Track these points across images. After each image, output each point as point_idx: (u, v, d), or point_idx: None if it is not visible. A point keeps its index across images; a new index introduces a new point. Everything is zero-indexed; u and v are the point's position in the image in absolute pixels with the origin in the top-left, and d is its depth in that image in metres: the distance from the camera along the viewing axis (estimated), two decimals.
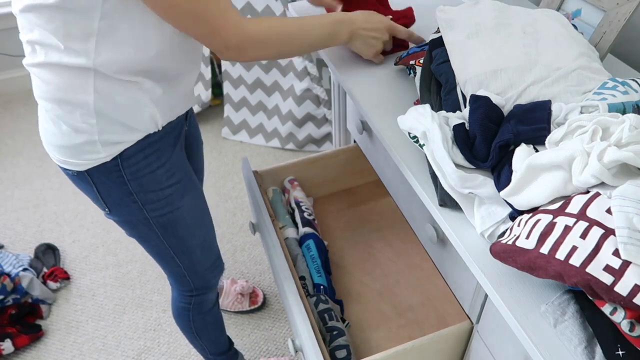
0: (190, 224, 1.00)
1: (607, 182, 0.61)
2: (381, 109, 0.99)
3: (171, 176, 0.93)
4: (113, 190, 0.89)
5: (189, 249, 1.04)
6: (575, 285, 0.56)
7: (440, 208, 0.80)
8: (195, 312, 1.20)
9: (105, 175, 0.87)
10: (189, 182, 0.98)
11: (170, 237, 0.99)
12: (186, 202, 0.97)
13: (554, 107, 0.75)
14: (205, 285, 1.15)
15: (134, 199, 0.91)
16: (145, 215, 0.94)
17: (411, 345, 0.93)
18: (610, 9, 0.93)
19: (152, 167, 0.89)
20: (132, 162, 0.87)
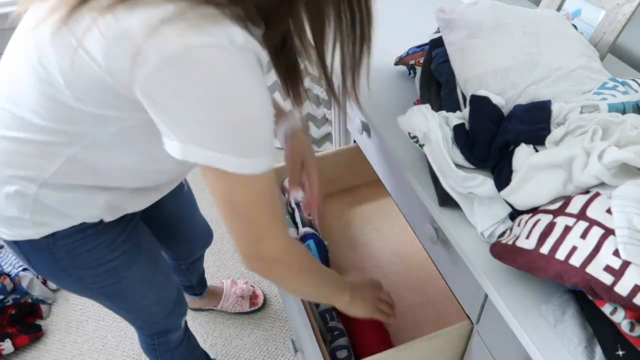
0: (140, 289, 0.92)
1: (607, 182, 0.61)
2: (381, 108, 0.99)
3: (113, 250, 0.82)
4: (45, 265, 0.80)
5: (142, 308, 0.97)
6: (576, 285, 0.56)
7: (441, 208, 0.80)
8: (162, 350, 1.14)
9: (35, 251, 0.77)
10: (136, 250, 0.87)
11: (119, 302, 0.92)
12: (134, 272, 0.87)
13: (554, 107, 0.75)
14: (166, 330, 1.09)
15: (69, 273, 0.81)
16: (85, 286, 0.85)
17: (411, 345, 0.93)
18: (610, 9, 0.93)
19: (89, 246, 0.79)
20: (67, 241, 0.77)
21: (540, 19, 0.89)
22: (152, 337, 1.11)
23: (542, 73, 0.80)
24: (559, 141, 0.69)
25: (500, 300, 0.67)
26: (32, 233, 0.75)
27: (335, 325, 1.06)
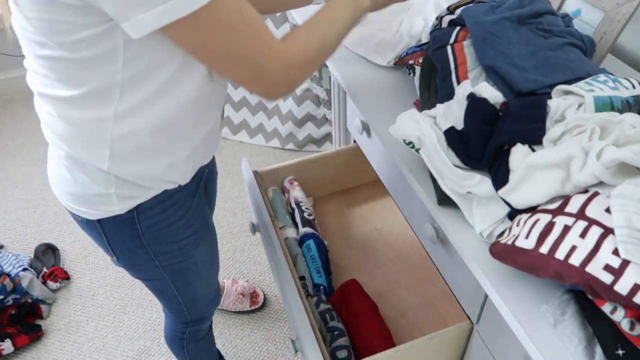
0: (200, 270, 0.98)
1: (606, 182, 0.61)
2: (381, 108, 0.99)
3: (188, 227, 0.89)
4: (125, 242, 0.85)
5: (193, 290, 1.02)
6: (575, 284, 0.56)
7: (441, 208, 0.80)
8: (189, 340, 1.18)
9: (118, 227, 0.82)
10: (205, 231, 0.95)
11: (178, 281, 0.97)
12: (200, 251, 0.95)
13: (552, 103, 0.75)
14: (202, 317, 1.13)
15: (147, 251, 0.87)
16: (156, 265, 0.90)
17: (411, 345, 0.93)
18: (610, 9, 0.93)
19: (170, 220, 0.85)
20: (149, 215, 0.82)
21: None
22: (185, 325, 1.13)
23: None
24: (557, 139, 0.69)
25: (500, 300, 0.67)
26: (118, 208, 0.78)
27: (335, 325, 1.06)
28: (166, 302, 1.06)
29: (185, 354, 1.22)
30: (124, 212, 0.79)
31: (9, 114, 2.58)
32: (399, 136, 0.80)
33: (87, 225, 0.83)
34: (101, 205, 0.78)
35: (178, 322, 1.14)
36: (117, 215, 0.80)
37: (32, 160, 2.30)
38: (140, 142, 0.73)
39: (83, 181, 0.76)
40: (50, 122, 0.74)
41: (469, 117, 0.76)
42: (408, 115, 0.80)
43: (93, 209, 0.79)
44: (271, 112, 2.24)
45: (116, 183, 0.76)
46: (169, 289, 0.99)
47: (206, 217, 0.95)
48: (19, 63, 2.64)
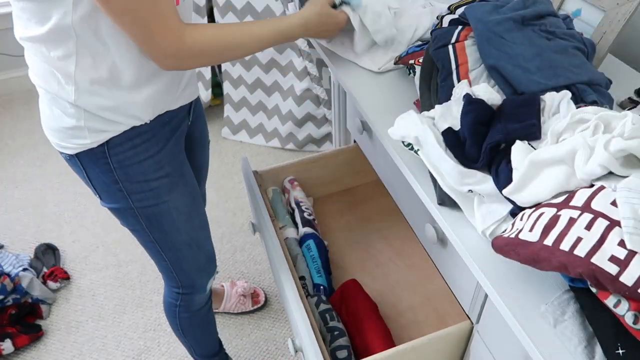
0: (176, 220, 1.00)
1: (615, 171, 0.61)
2: (381, 108, 0.99)
3: (159, 169, 0.93)
4: (100, 177, 0.91)
5: (174, 245, 1.03)
6: (580, 275, 0.56)
7: (441, 208, 0.80)
8: (182, 309, 1.19)
9: (93, 161, 0.88)
10: (179, 178, 0.97)
11: (155, 230, 0.99)
12: (173, 197, 0.97)
13: (546, 97, 0.75)
14: (192, 285, 1.14)
15: (120, 187, 0.91)
16: (130, 205, 0.94)
17: (411, 345, 0.93)
18: (610, 9, 0.93)
19: (140, 157, 0.89)
20: (119, 150, 0.87)
21: None
22: (177, 290, 1.15)
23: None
24: (561, 132, 0.69)
25: (500, 300, 0.67)
26: (89, 141, 0.85)
27: (335, 325, 1.06)
28: (155, 259, 1.08)
29: (177, 324, 1.24)
30: (95, 145, 0.86)
31: (9, 114, 2.58)
32: (398, 138, 0.81)
33: (71, 161, 0.91)
34: (75, 139, 0.85)
35: (170, 287, 1.16)
36: (91, 149, 0.86)
37: (32, 160, 2.30)
38: (99, 76, 0.80)
39: (59, 115, 0.84)
40: (31, 63, 0.83)
41: (465, 118, 0.76)
42: (406, 117, 0.81)
43: (70, 142, 0.86)
44: (271, 112, 2.24)
45: (85, 116, 0.83)
46: (149, 240, 1.01)
47: (181, 165, 0.98)
48: (19, 63, 2.64)
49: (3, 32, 2.48)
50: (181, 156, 0.99)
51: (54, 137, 0.88)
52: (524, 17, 0.86)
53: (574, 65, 0.83)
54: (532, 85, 0.80)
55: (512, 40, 0.84)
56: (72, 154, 0.88)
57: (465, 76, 0.87)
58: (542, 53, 0.83)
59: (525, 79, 0.81)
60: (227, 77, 2.21)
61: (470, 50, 0.88)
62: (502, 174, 0.71)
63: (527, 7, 0.88)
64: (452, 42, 0.88)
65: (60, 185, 2.17)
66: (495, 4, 0.89)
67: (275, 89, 2.18)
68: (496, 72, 0.84)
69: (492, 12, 0.87)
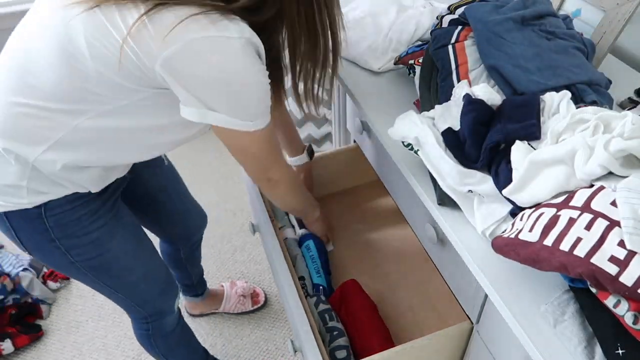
0: (124, 263, 0.96)
1: (615, 171, 0.61)
2: (381, 108, 0.99)
3: (97, 219, 0.88)
4: (33, 236, 0.85)
5: (130, 284, 1.00)
6: (580, 276, 0.56)
7: (441, 208, 0.80)
8: (156, 336, 1.16)
9: (25, 221, 0.83)
10: (116, 222, 0.93)
11: (105, 277, 0.95)
12: (116, 243, 0.93)
13: (546, 97, 0.75)
14: (159, 311, 1.11)
15: (57, 245, 0.86)
16: (70, 261, 0.89)
17: (411, 345, 0.93)
18: (610, 9, 0.93)
19: (78, 214, 0.85)
20: (57, 211, 0.83)
21: None
22: (145, 320, 1.12)
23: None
24: (561, 132, 0.69)
25: (500, 300, 0.67)
26: (26, 202, 0.80)
27: (335, 325, 1.06)
28: (112, 300, 1.04)
29: (157, 352, 1.21)
30: (31, 206, 0.81)
31: None
32: (397, 138, 0.81)
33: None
34: (9, 197, 0.79)
35: (137, 319, 1.13)
36: (24, 209, 0.81)
37: None
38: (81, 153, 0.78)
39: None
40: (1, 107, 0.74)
41: (465, 118, 0.76)
42: (406, 117, 0.81)
43: (2, 199, 0.80)
44: None
45: (30, 176, 0.78)
46: (101, 286, 0.98)
47: (117, 209, 0.94)
48: None
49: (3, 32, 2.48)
50: (117, 203, 0.95)
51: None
52: (523, 17, 0.86)
53: (573, 65, 0.83)
54: (532, 85, 0.80)
55: (512, 40, 0.84)
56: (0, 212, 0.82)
57: (465, 76, 0.87)
58: (542, 53, 0.83)
59: (525, 79, 0.81)
60: None
61: (470, 50, 0.88)
62: (501, 174, 0.71)
63: (527, 7, 0.88)
64: (452, 42, 0.88)
65: None
66: (495, 4, 0.89)
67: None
68: (496, 72, 0.83)
69: (492, 12, 0.87)
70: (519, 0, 0.89)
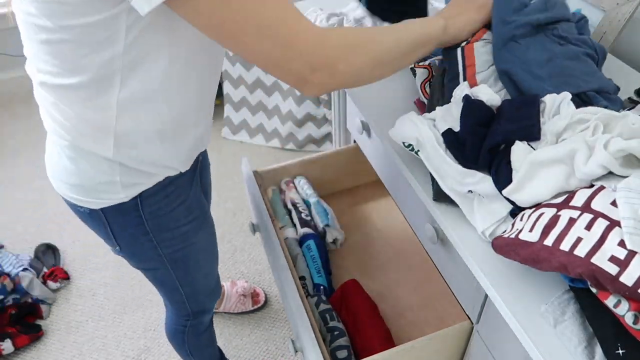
0: (201, 258, 0.99)
1: (615, 171, 0.61)
2: (381, 109, 0.99)
3: (189, 213, 0.90)
4: (128, 230, 0.85)
5: (194, 280, 1.02)
6: (580, 276, 0.56)
7: (441, 208, 0.80)
8: (190, 334, 1.18)
9: (122, 214, 0.82)
10: (204, 218, 0.96)
11: (179, 270, 0.97)
12: (200, 238, 0.95)
13: (547, 99, 0.75)
14: (202, 310, 1.13)
15: (150, 238, 0.87)
16: (158, 253, 0.91)
17: (411, 345, 0.93)
18: (610, 9, 0.93)
19: (172, 206, 0.86)
20: (152, 201, 0.82)
21: None
22: (186, 317, 1.13)
23: None
24: (561, 132, 0.69)
25: (500, 300, 0.67)
26: (123, 195, 0.79)
27: (335, 325, 1.06)
28: (167, 294, 1.06)
29: (186, 349, 1.22)
30: (128, 199, 0.80)
31: (9, 114, 2.58)
32: (398, 139, 0.81)
33: (90, 215, 0.83)
34: (106, 194, 0.79)
35: (179, 315, 1.14)
36: (121, 203, 0.80)
37: (32, 160, 2.30)
38: (144, 130, 0.73)
39: (87, 171, 0.76)
40: (53, 111, 0.72)
41: (465, 119, 0.76)
42: (407, 118, 0.81)
43: (97, 198, 0.79)
44: (271, 112, 2.24)
45: (120, 170, 0.76)
46: (170, 279, 0.99)
47: (203, 204, 0.96)
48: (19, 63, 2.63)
49: (3, 32, 2.48)
50: (201, 195, 0.96)
51: (75, 192, 0.79)
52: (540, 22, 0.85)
53: (584, 73, 0.82)
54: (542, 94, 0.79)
55: (526, 45, 0.83)
56: (96, 209, 0.81)
57: (472, 78, 0.86)
58: (554, 59, 0.82)
59: (535, 86, 0.80)
60: (227, 77, 2.21)
61: (479, 52, 0.87)
62: (501, 174, 0.71)
63: (547, 9, 0.87)
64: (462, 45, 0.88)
65: None
66: (521, 1, 0.86)
67: (275, 89, 2.18)
68: (507, 77, 0.83)
69: (517, 10, 0.84)
70: (541, 1, 0.87)
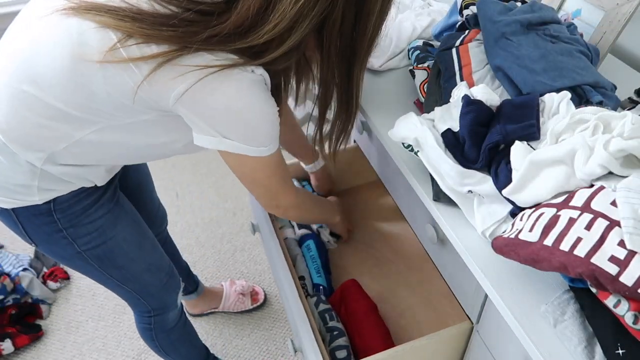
0: (128, 251, 0.98)
1: (615, 171, 0.61)
2: (381, 109, 0.99)
3: (101, 207, 0.90)
4: (41, 228, 0.87)
5: (135, 275, 1.01)
6: (580, 275, 0.56)
7: (441, 208, 0.80)
8: (157, 331, 1.17)
9: (34, 215, 0.84)
10: (119, 209, 0.95)
11: (110, 267, 0.97)
12: (119, 230, 0.95)
13: (546, 98, 0.75)
14: (163, 305, 1.12)
15: (64, 235, 0.88)
16: (77, 250, 0.91)
17: (411, 345, 0.93)
18: (610, 9, 0.93)
19: (84, 204, 0.87)
20: (65, 205, 0.85)
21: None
22: (148, 314, 1.13)
23: None
24: (561, 132, 0.69)
25: (500, 300, 0.67)
26: (37, 199, 0.82)
27: (335, 325, 1.06)
28: (117, 292, 1.05)
29: (157, 346, 1.21)
30: (41, 202, 0.83)
31: None
32: (398, 139, 0.81)
33: (1, 213, 0.85)
34: (20, 195, 0.81)
35: (140, 313, 1.14)
36: (33, 205, 0.83)
37: None
38: (79, 160, 0.80)
39: (6, 170, 0.78)
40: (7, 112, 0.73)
41: (464, 119, 0.76)
42: (405, 119, 0.81)
43: (11, 197, 0.81)
44: None
45: (40, 177, 0.80)
46: (104, 277, 0.99)
47: (119, 197, 0.97)
48: None
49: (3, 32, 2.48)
50: (117, 192, 0.97)
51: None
52: (530, 22, 0.86)
53: (579, 67, 0.83)
54: (538, 86, 0.80)
55: (519, 42, 0.84)
56: (8, 208, 0.83)
57: (469, 77, 0.87)
58: (548, 55, 0.83)
59: (531, 80, 0.81)
60: None
61: (474, 51, 0.88)
62: (501, 174, 0.71)
63: (534, 11, 0.88)
64: (457, 45, 0.88)
65: None
66: (505, 5, 0.89)
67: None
68: (502, 73, 0.83)
69: (502, 12, 0.87)
70: (526, 5, 0.89)
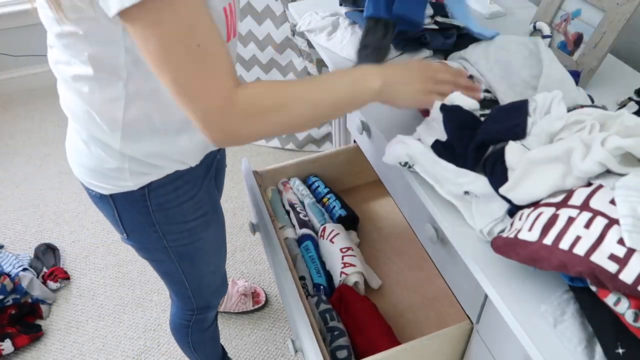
0: (208, 254, 0.99)
1: (613, 168, 0.61)
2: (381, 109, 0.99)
3: (198, 209, 0.90)
4: (135, 218, 0.87)
5: (201, 275, 1.03)
6: (580, 274, 0.56)
7: (441, 208, 0.80)
8: (194, 329, 1.19)
9: (130, 202, 0.84)
10: (214, 215, 0.96)
11: (186, 264, 0.98)
12: (209, 234, 0.96)
13: (538, 98, 0.75)
14: (207, 306, 1.14)
15: (156, 229, 0.88)
16: (164, 245, 0.92)
17: (411, 345, 0.93)
18: (610, 9, 0.93)
19: (180, 200, 0.86)
20: (160, 193, 0.84)
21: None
22: (191, 312, 1.14)
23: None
24: (556, 133, 0.69)
25: (500, 301, 0.67)
26: (131, 184, 0.81)
27: (335, 325, 1.06)
28: (173, 287, 1.07)
29: (189, 343, 1.23)
30: (136, 188, 0.81)
31: (9, 114, 2.58)
32: (393, 162, 0.83)
33: (101, 200, 0.86)
34: (115, 180, 0.81)
35: (184, 310, 1.15)
36: (129, 192, 0.82)
37: (32, 160, 2.30)
38: (152, 124, 0.75)
39: (99, 155, 0.79)
40: (67, 100, 0.76)
41: (448, 126, 0.77)
42: (395, 141, 0.83)
43: (107, 183, 0.81)
44: None
45: (130, 159, 0.78)
46: (176, 272, 1.00)
47: (215, 201, 0.97)
48: (19, 63, 2.64)
49: (3, 32, 2.48)
50: (215, 192, 0.97)
51: (88, 176, 0.82)
52: None
53: None
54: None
55: None
56: (106, 194, 0.83)
57: None
58: None
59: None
60: None
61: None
62: (496, 173, 0.71)
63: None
64: None
65: (60, 185, 2.17)
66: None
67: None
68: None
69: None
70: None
